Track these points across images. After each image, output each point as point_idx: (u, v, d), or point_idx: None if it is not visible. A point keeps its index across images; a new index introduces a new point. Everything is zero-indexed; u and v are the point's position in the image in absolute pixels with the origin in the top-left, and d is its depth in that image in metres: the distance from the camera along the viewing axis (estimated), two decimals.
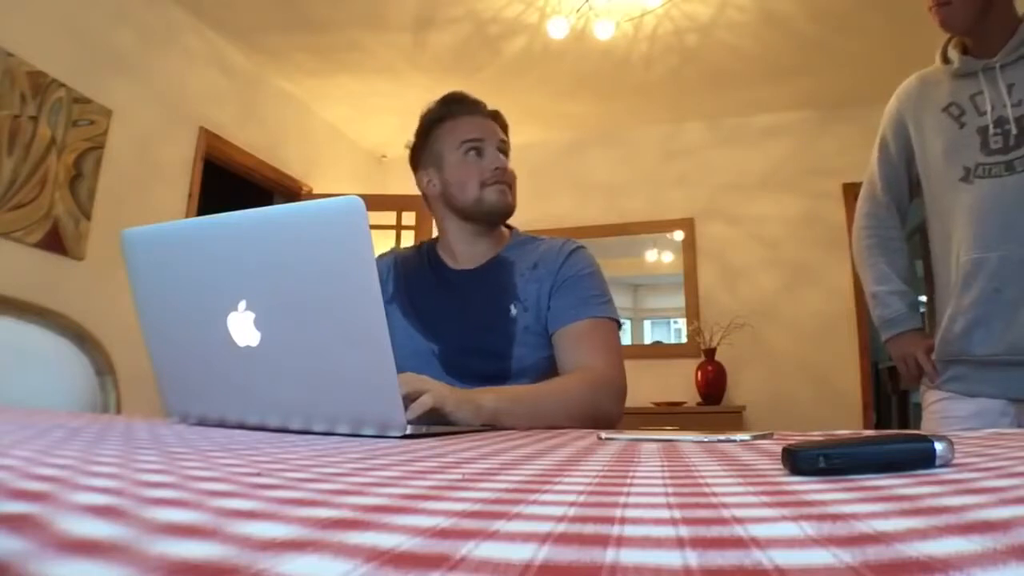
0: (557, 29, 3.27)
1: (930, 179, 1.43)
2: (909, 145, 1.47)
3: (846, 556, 0.18)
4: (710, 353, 4.04)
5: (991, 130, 1.30)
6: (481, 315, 1.26)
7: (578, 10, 3.29)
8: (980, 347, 1.30)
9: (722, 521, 0.23)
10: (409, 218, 4.21)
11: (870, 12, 3.27)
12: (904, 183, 1.51)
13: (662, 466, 0.42)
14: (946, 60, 1.42)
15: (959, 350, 1.34)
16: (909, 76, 1.51)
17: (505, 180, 1.33)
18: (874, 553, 0.18)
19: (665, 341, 4.56)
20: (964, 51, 1.39)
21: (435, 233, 1.46)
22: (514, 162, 1.40)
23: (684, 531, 0.22)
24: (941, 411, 1.38)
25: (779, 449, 0.41)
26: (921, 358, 1.42)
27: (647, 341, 4.60)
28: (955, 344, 1.34)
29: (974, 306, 1.30)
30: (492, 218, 1.33)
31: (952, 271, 1.35)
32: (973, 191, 1.31)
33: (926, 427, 1.43)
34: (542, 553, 0.19)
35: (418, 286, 1.33)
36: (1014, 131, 1.28)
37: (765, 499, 0.29)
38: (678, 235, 4.52)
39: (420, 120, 1.42)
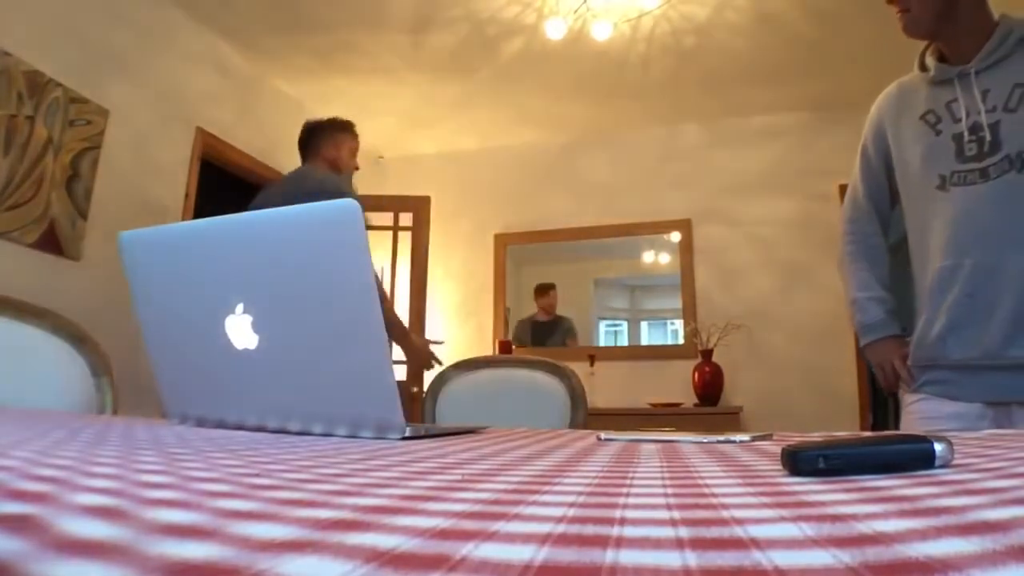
0: (555, 30, 3.28)
1: (908, 187, 1.44)
2: (888, 153, 1.49)
3: (845, 557, 0.18)
4: (707, 354, 4.04)
5: (966, 137, 1.31)
6: None
7: (576, 11, 3.29)
8: (955, 352, 1.31)
9: (721, 522, 0.24)
10: (406, 219, 4.20)
11: (867, 14, 3.28)
12: (885, 190, 1.53)
13: (661, 467, 0.42)
14: (924, 68, 1.43)
15: (934, 355, 1.35)
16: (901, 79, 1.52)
17: None
18: (873, 554, 0.18)
19: (662, 342, 4.56)
20: (942, 58, 1.39)
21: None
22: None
23: (684, 532, 0.22)
24: (919, 412, 1.39)
25: (778, 450, 0.41)
26: (898, 364, 1.45)
27: (644, 342, 4.61)
28: (930, 349, 1.36)
29: (948, 311, 1.31)
30: None
31: (929, 277, 1.36)
32: (949, 199, 1.32)
33: (905, 427, 1.44)
34: (542, 554, 0.19)
35: None
36: (988, 138, 1.28)
37: (765, 500, 0.29)
38: (675, 236, 4.52)
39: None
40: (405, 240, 4.18)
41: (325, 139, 2.64)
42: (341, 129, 2.67)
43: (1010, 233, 1.25)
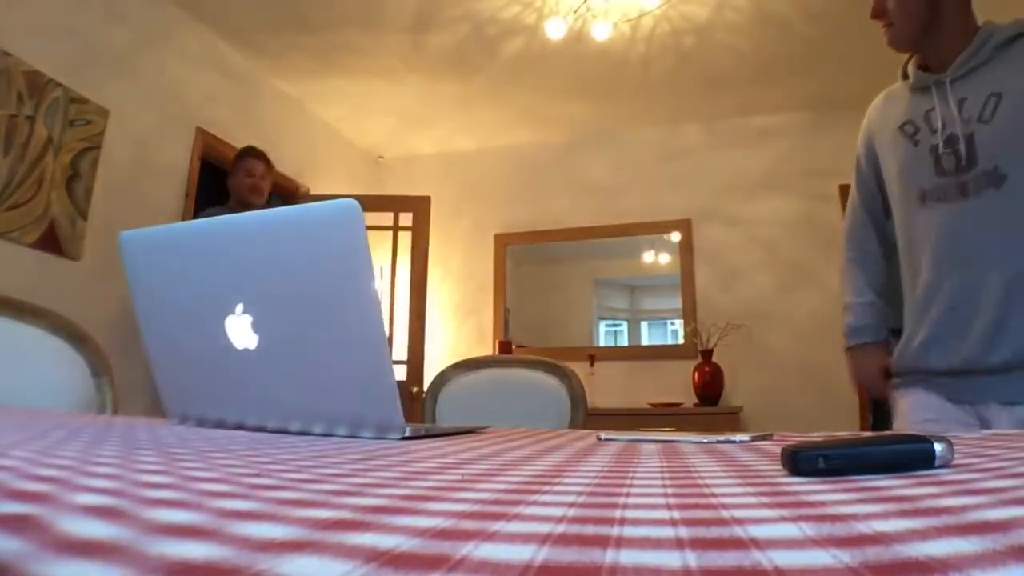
0: (555, 30, 3.28)
1: (894, 199, 1.45)
2: (878, 163, 1.49)
3: (845, 557, 0.18)
4: (707, 354, 4.04)
5: (941, 149, 1.30)
6: None
7: (576, 11, 3.29)
8: (936, 361, 1.33)
9: (721, 522, 0.24)
10: (406, 219, 4.20)
11: (867, 13, 3.28)
12: (878, 199, 1.54)
13: (661, 467, 0.42)
14: (906, 76, 1.43)
15: (914, 364, 1.37)
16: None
17: None
18: (873, 554, 0.18)
19: (662, 342, 4.56)
20: (926, 67, 1.38)
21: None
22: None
23: (683, 532, 0.22)
24: (907, 403, 1.40)
25: (778, 450, 0.41)
26: (875, 373, 1.48)
27: (644, 342, 4.61)
28: (911, 358, 1.38)
29: (930, 326, 1.33)
30: None
31: (914, 290, 1.38)
32: (930, 214, 1.32)
33: (896, 423, 1.46)
34: (542, 554, 0.19)
35: None
36: (964, 151, 1.27)
37: (765, 500, 0.29)
38: (675, 236, 4.52)
39: None
40: (405, 240, 4.18)
41: (228, 178, 3.11)
42: (235, 160, 3.10)
43: (991, 253, 1.25)
